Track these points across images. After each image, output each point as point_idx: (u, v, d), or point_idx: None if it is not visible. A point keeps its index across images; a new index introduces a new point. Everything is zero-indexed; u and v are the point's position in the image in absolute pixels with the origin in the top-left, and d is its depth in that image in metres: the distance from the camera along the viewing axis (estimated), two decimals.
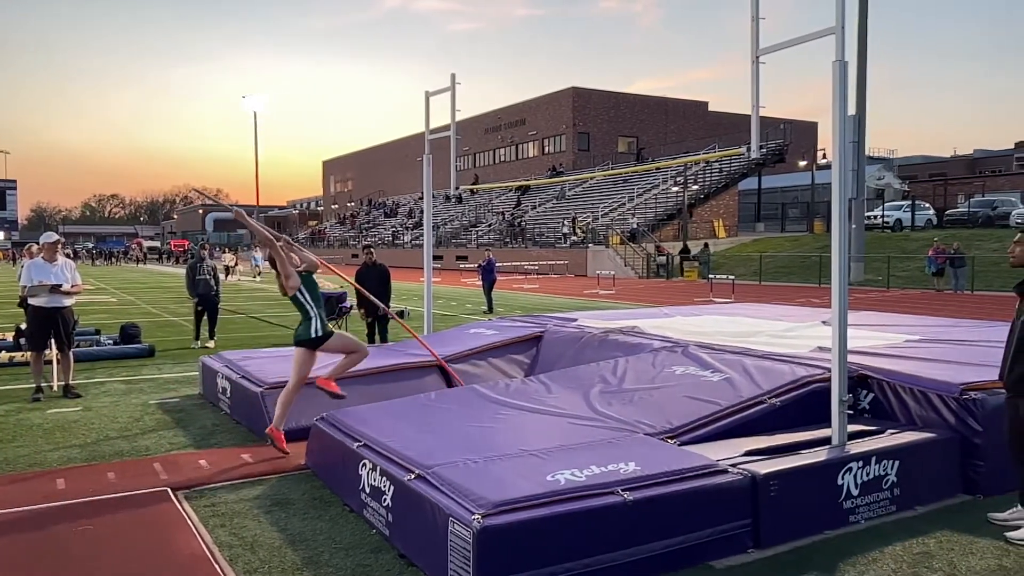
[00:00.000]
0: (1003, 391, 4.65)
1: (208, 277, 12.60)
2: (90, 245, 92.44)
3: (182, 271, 15.94)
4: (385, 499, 4.42)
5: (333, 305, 12.60)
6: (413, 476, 4.23)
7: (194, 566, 4.06)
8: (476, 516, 3.63)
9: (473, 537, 3.56)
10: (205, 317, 12.71)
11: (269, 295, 25.92)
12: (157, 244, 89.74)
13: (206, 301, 12.59)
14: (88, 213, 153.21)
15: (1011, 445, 4.59)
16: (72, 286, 8.45)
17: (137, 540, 4.41)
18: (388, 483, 4.41)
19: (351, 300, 12.90)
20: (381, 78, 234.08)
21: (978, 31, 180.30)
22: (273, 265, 6.10)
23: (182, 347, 12.63)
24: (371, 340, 10.86)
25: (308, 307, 5.97)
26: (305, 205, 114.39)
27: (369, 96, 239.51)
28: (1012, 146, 70.25)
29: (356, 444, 4.97)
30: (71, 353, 8.66)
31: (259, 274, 38.68)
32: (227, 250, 45.52)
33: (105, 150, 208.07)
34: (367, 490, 4.66)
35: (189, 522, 4.68)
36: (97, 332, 12.85)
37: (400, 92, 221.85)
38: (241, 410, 7.25)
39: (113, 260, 69.93)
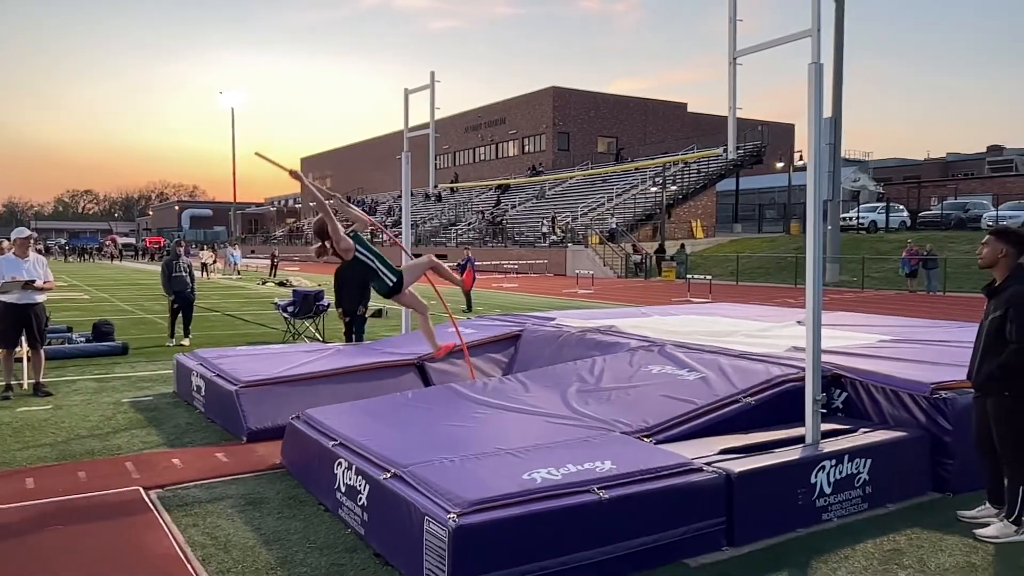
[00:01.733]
0: (972, 390, 4.73)
1: (184, 274, 12.47)
2: (63, 241, 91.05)
3: (157, 268, 15.78)
4: (360, 498, 4.39)
5: (310, 303, 12.52)
6: (389, 475, 4.22)
7: (166, 566, 4.02)
8: (452, 515, 3.62)
9: (448, 536, 3.56)
10: (180, 315, 12.58)
11: (246, 293, 25.70)
12: (132, 241, 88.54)
13: (182, 299, 12.47)
14: (61, 209, 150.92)
15: (978, 444, 4.67)
16: (44, 282, 8.32)
17: (108, 540, 4.35)
18: (364, 482, 4.38)
19: (328, 299, 12.81)
20: (360, 75, 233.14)
21: (951, 36, 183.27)
22: (321, 237, 6.06)
23: (156, 345, 12.48)
24: (348, 339, 10.80)
25: (370, 262, 6.19)
26: (283, 202, 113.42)
27: (348, 93, 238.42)
28: (984, 150, 71.41)
29: (331, 443, 4.94)
30: (42, 350, 8.52)
31: (237, 272, 38.19)
32: (205, 247, 44.97)
33: (79, 145, 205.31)
34: (342, 489, 4.64)
35: (161, 522, 4.63)
36: (69, 329, 12.67)
37: (379, 90, 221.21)
38: (215, 409, 7.18)
39: (87, 257, 68.87)
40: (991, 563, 4.13)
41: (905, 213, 38.90)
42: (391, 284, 6.26)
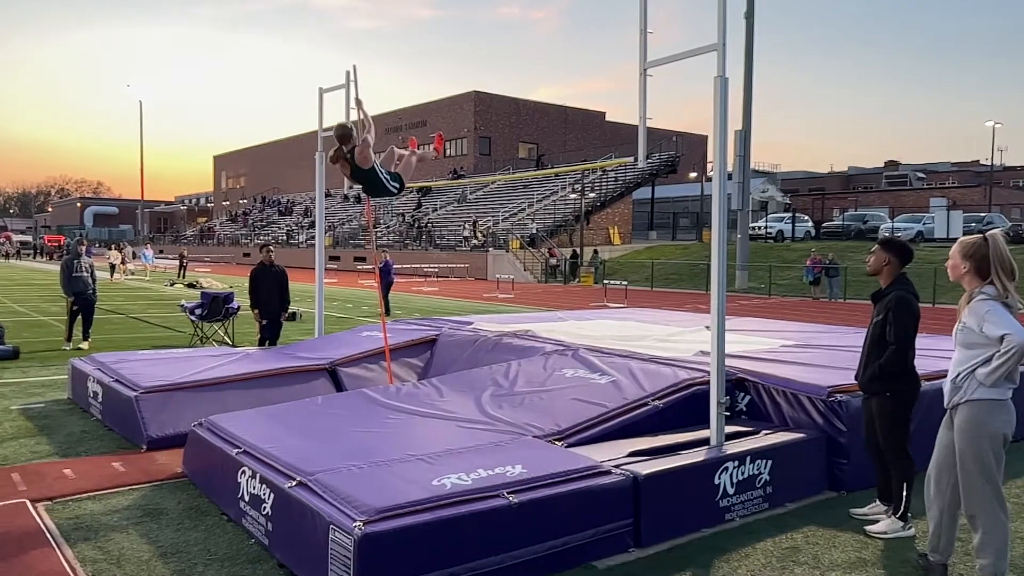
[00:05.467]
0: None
1: (85, 274, 11.87)
2: None
3: (56, 268, 14.92)
4: (265, 507, 4.26)
5: (220, 305, 12.11)
6: (294, 483, 4.11)
7: None
8: (357, 523, 3.55)
9: (354, 545, 3.49)
10: (80, 317, 11.96)
11: (153, 294, 24.66)
12: (29, 239, 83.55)
13: (82, 300, 11.87)
14: None
15: (867, 443, 4.91)
16: None
17: None
18: (268, 491, 4.26)
19: (239, 301, 12.42)
20: (277, 73, 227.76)
21: (855, 57, 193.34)
22: (342, 141, 6.53)
23: (52, 348, 11.83)
24: (262, 343, 10.49)
25: (382, 176, 6.69)
26: (194, 201, 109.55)
27: (263, 91, 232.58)
28: (882, 165, 75.53)
29: (236, 451, 4.78)
30: None
31: (146, 273, 36.46)
32: (112, 246, 42.65)
33: None
34: (246, 498, 4.49)
35: (48, 536, 4.38)
36: None
37: (296, 88, 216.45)
38: (114, 416, 6.85)
39: None
40: (879, 558, 4.33)
41: (810, 223, 40.71)
42: (396, 191, 6.84)
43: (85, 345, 11.79)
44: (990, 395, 3.76)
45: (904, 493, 4.64)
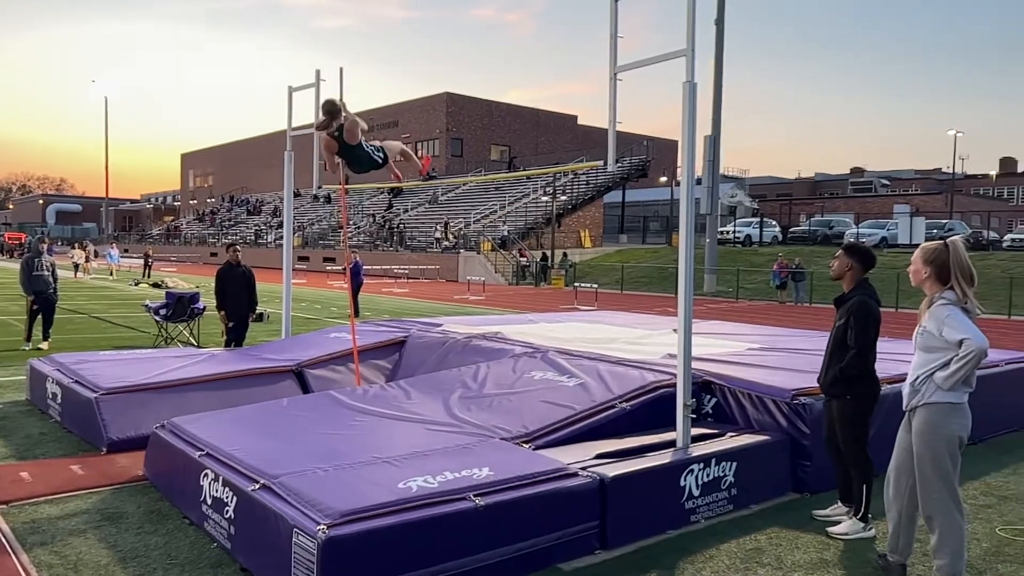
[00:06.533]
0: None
1: (46, 273, 11.62)
2: None
3: (16, 266, 14.59)
4: (227, 511, 4.20)
5: (185, 305, 11.93)
6: (257, 486, 4.05)
7: None
8: (321, 527, 3.51)
9: (318, 548, 3.45)
10: (40, 316, 11.70)
11: (117, 294, 24.21)
12: None
13: (42, 299, 11.61)
14: None
15: (828, 445, 4.99)
16: None
17: None
18: (231, 494, 4.20)
19: (204, 301, 12.25)
20: (246, 70, 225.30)
21: (823, 64, 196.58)
22: (331, 116, 6.84)
23: (10, 348, 11.55)
24: (228, 344, 10.36)
25: (366, 148, 6.96)
26: (161, 199, 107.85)
27: (233, 88, 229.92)
28: (848, 171, 76.84)
29: (198, 453, 4.70)
30: None
31: (111, 272, 35.79)
32: (76, 245, 41.73)
33: None
34: (208, 501, 4.42)
35: (4, 541, 4.27)
36: None
37: (266, 87, 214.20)
38: (73, 418, 6.71)
39: None
40: (840, 558, 4.40)
41: (777, 228, 41.26)
42: (382, 160, 7.11)
43: (45, 345, 11.53)
44: (947, 398, 3.84)
45: (864, 495, 4.71)
